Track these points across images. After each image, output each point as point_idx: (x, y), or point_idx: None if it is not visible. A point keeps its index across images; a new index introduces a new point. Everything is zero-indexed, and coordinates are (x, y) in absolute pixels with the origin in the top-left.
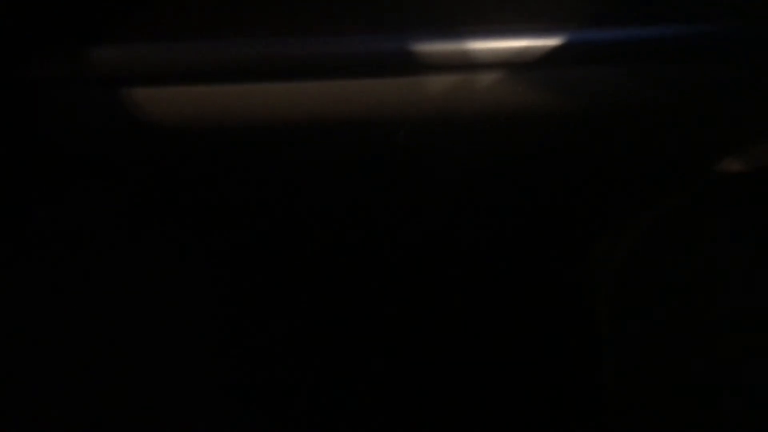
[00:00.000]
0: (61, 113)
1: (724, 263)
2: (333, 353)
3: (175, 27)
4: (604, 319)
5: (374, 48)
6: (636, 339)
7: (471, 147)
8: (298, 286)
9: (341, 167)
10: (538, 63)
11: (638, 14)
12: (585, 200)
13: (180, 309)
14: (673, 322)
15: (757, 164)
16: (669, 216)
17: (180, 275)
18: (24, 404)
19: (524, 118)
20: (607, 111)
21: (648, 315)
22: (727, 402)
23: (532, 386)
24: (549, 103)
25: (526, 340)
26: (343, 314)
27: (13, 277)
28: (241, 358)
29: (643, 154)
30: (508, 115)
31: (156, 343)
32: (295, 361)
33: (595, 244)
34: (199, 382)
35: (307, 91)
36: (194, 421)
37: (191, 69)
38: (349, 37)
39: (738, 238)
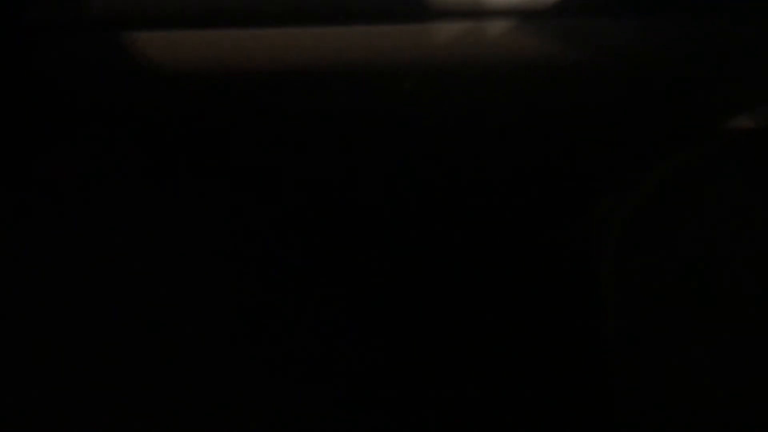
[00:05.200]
0: (61, 58)
1: (731, 223)
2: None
3: None
4: (607, 277)
5: None
6: (639, 299)
7: (478, 98)
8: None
9: (345, 118)
10: (551, 12)
11: None
12: (591, 156)
13: (184, 274)
14: (677, 282)
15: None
16: (677, 174)
17: (184, 233)
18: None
19: (534, 69)
20: (617, 64)
21: (652, 275)
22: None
23: (533, 349)
24: (560, 53)
25: (526, 298)
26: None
27: (14, 227)
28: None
29: (653, 110)
30: (517, 65)
31: (159, 310)
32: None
33: (601, 202)
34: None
35: (310, 37)
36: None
37: (193, 12)
38: None
39: (746, 197)
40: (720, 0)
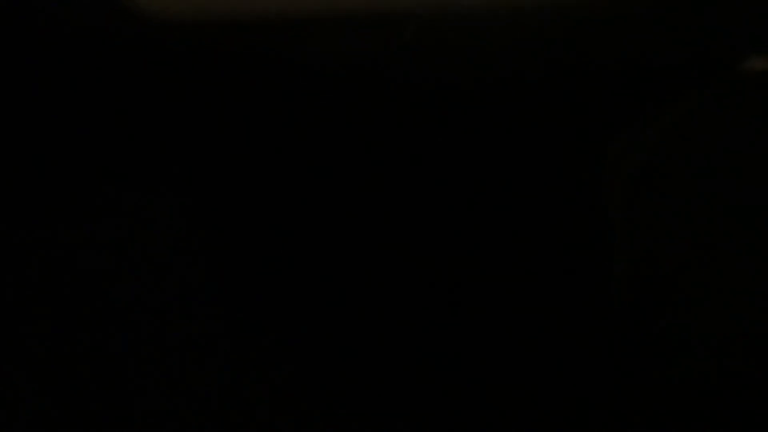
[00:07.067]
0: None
1: (744, 163)
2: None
3: None
4: (618, 216)
5: None
6: (649, 238)
7: (484, 41)
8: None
9: (346, 66)
10: None
11: None
12: (604, 95)
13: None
14: (688, 223)
15: None
16: (690, 114)
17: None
18: None
19: (545, 6)
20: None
21: (663, 214)
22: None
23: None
24: None
25: (536, 238)
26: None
27: None
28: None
29: (667, 49)
30: (526, 4)
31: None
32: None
33: (614, 141)
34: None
35: None
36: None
37: None
38: None
39: (759, 138)
40: None
